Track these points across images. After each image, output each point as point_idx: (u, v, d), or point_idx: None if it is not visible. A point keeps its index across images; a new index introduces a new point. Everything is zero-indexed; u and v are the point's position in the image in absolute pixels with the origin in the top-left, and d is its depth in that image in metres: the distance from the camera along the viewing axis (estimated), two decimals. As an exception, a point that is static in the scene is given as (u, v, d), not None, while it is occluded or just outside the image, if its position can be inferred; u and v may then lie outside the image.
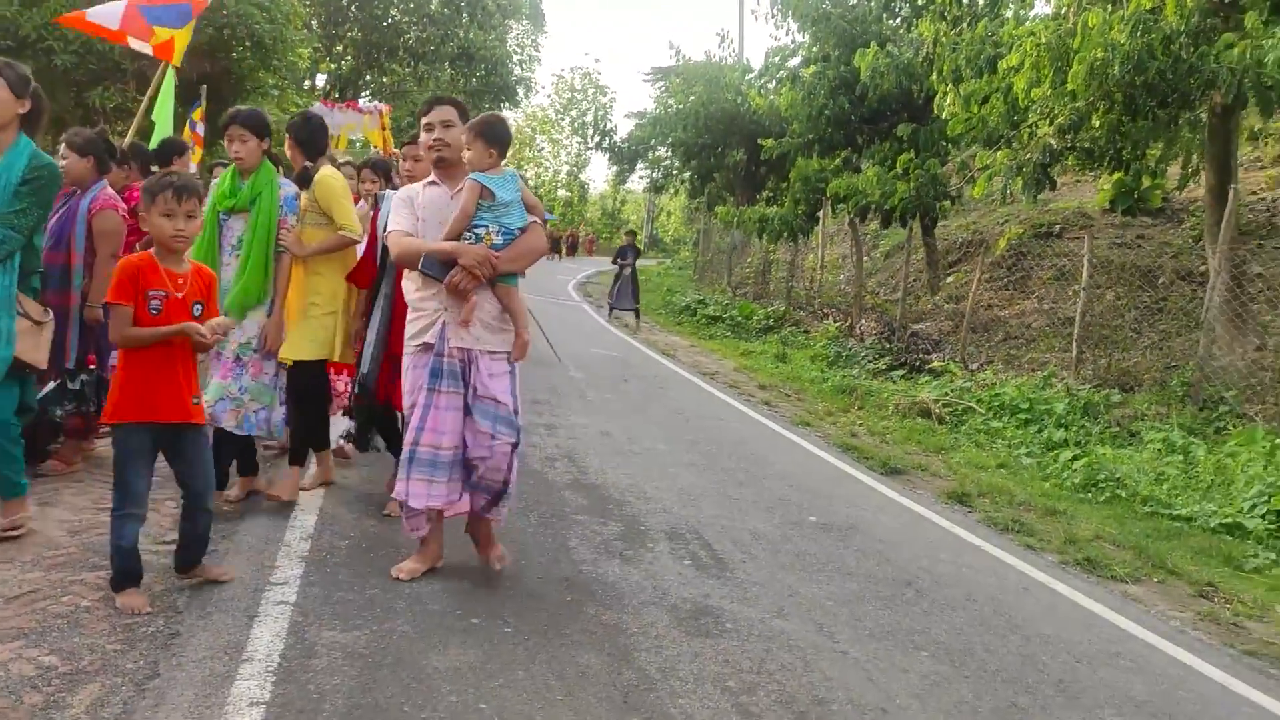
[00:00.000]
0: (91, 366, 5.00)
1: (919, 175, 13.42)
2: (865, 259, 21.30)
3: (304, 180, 4.92)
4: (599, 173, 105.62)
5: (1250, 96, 8.51)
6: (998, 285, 16.44)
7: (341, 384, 5.80)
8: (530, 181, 70.41)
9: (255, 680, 3.09)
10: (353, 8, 29.15)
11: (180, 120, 9.95)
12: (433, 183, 4.10)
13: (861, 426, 9.64)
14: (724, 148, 27.26)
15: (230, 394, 4.63)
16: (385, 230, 4.27)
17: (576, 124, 61.22)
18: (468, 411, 3.94)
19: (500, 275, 3.89)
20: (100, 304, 4.81)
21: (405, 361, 4.07)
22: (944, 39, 10.76)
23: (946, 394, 10.66)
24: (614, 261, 19.22)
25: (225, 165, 8.74)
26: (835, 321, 16.71)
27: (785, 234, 16.56)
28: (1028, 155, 9.81)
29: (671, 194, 44.36)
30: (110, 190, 5.03)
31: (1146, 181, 14.52)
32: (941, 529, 6.17)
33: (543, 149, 71.17)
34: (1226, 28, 8.95)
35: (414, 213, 4.01)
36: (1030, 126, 10.85)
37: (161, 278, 3.47)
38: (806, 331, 17.01)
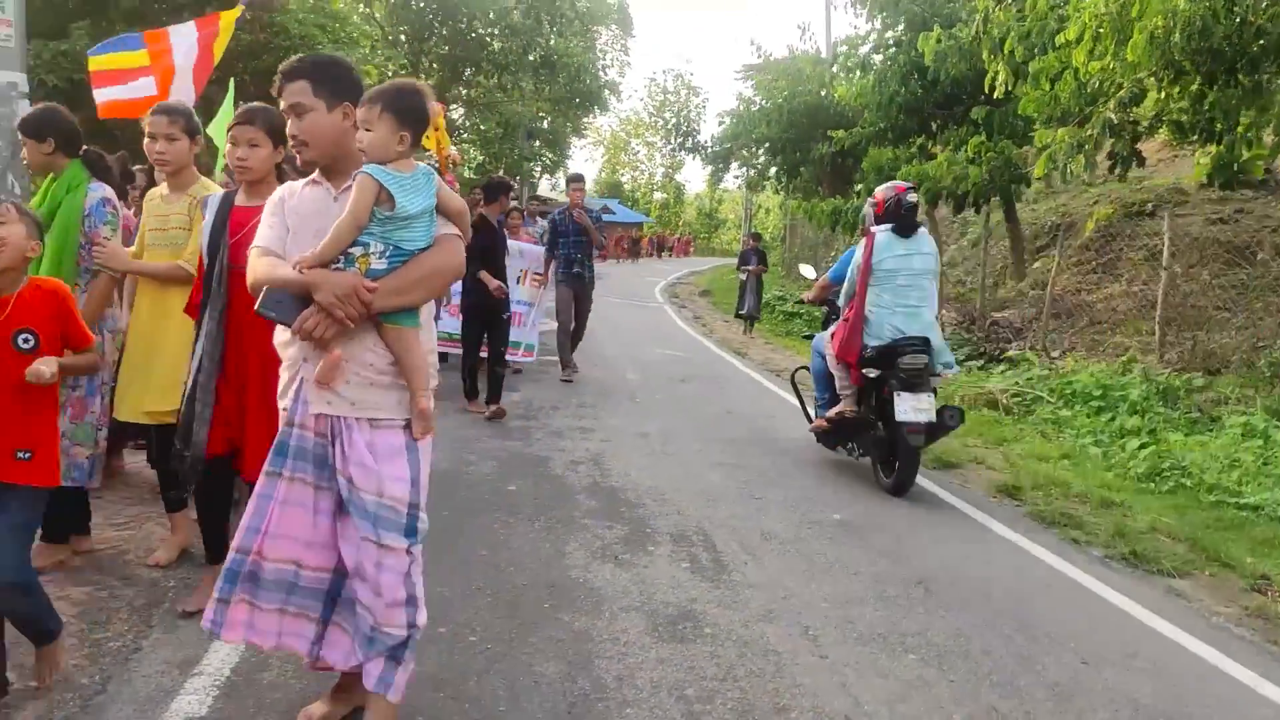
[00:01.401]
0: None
1: (991, 158, 12.95)
2: (952, 247, 20.74)
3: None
4: (695, 173, 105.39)
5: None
6: (1086, 269, 15.79)
7: None
8: (627, 186, 71.01)
9: (198, 695, 3.13)
10: (436, 22, 29.72)
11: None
12: (314, 180, 2.84)
13: (923, 420, 9.33)
14: (809, 141, 26.87)
15: None
16: (206, 245, 3.43)
17: (668, 126, 60.96)
18: (343, 510, 2.70)
19: (390, 314, 2.63)
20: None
21: None
22: (994, 15, 10.35)
23: (1016, 383, 10.25)
24: (738, 268, 18.06)
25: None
26: (917, 313, 16.27)
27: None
28: (1089, 132, 9.35)
29: (769, 191, 44.09)
30: None
31: (1245, 153, 13.71)
32: (977, 524, 5.91)
33: (638, 153, 71.68)
34: (1302, -17, 8.37)
35: (284, 221, 2.77)
36: (1108, 101, 10.38)
37: None
38: (888, 324, 16.61)
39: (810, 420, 7.38)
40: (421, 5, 29.56)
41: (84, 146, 4.11)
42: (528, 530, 5.04)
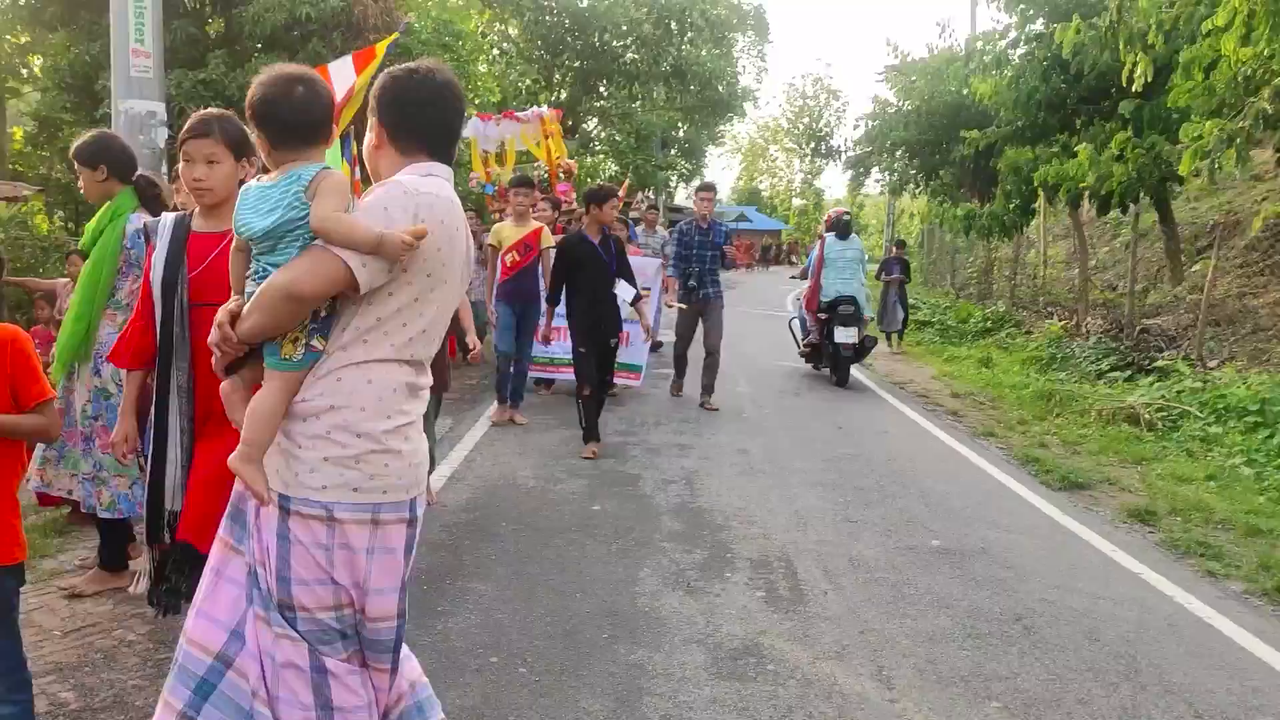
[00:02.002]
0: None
1: (1138, 155, 12.10)
2: (1103, 250, 19.63)
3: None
4: (837, 179, 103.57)
5: None
6: (1251, 271, 14.67)
7: None
8: (765, 192, 70.29)
9: None
10: (568, 37, 30.05)
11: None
12: None
13: (1054, 436, 8.76)
14: (950, 143, 25.92)
15: (85, 472, 3.94)
16: (161, 279, 2.88)
17: (806, 132, 59.67)
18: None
19: (267, 351, 2.15)
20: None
21: None
22: (1131, 4, 9.61)
23: (1162, 396, 9.51)
24: (878, 276, 15.74)
25: None
26: (1060, 320, 15.43)
27: (997, 231, 15.39)
28: (1239, 125, 8.57)
29: (911, 195, 42.89)
30: None
31: None
32: (1098, 552, 5.43)
33: (776, 159, 70.84)
34: None
35: None
36: (1263, 90, 9.52)
37: None
38: (1029, 332, 15.82)
39: (799, 348, 11.78)
40: (554, 21, 29.93)
41: (136, 173, 4.05)
42: (603, 554, 4.87)
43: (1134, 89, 9.35)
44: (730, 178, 69.78)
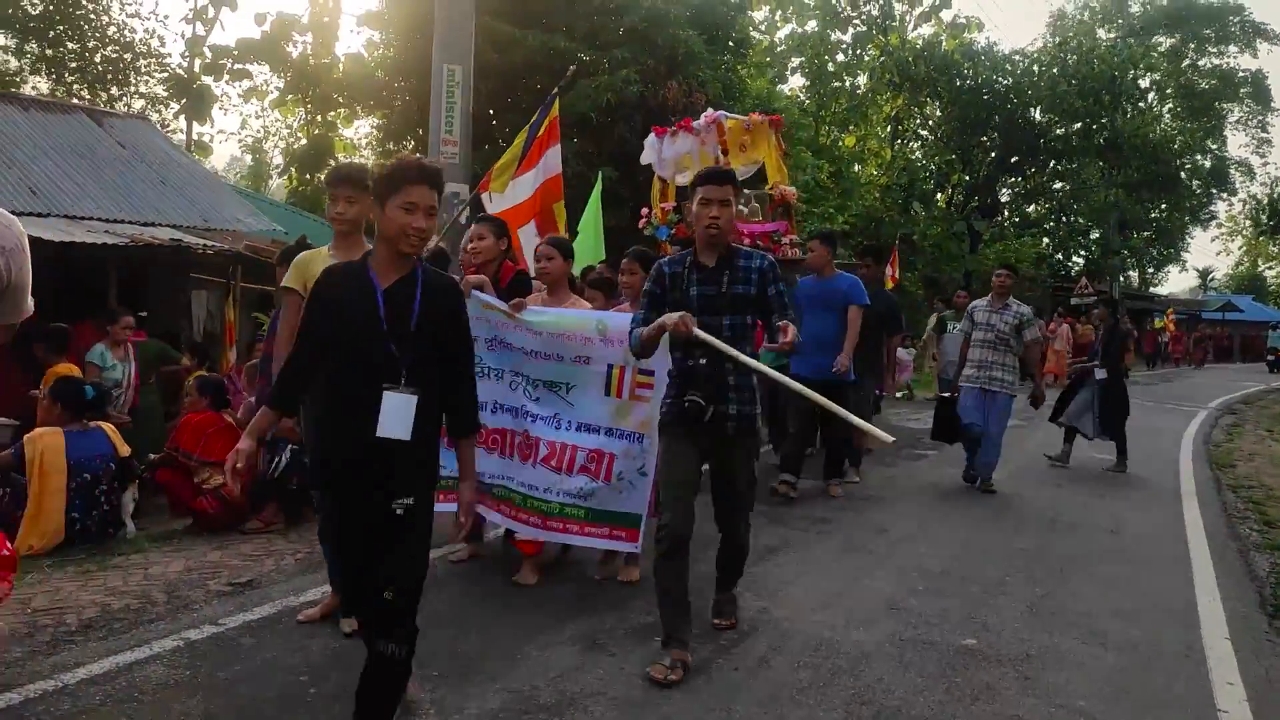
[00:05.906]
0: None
1: None
2: None
3: None
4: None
5: None
6: None
7: None
8: (1275, 279, 60.62)
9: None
10: (985, 114, 28.89)
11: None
12: None
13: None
14: None
15: None
16: None
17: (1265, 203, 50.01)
18: None
19: None
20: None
21: None
22: None
23: None
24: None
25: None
26: None
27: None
28: None
29: None
30: None
31: None
32: (1191, 681, 4.18)
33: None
34: None
35: None
36: None
37: None
38: None
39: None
40: (973, 99, 28.94)
41: None
42: (564, 603, 4.75)
43: None
44: (1225, 263, 61.64)
